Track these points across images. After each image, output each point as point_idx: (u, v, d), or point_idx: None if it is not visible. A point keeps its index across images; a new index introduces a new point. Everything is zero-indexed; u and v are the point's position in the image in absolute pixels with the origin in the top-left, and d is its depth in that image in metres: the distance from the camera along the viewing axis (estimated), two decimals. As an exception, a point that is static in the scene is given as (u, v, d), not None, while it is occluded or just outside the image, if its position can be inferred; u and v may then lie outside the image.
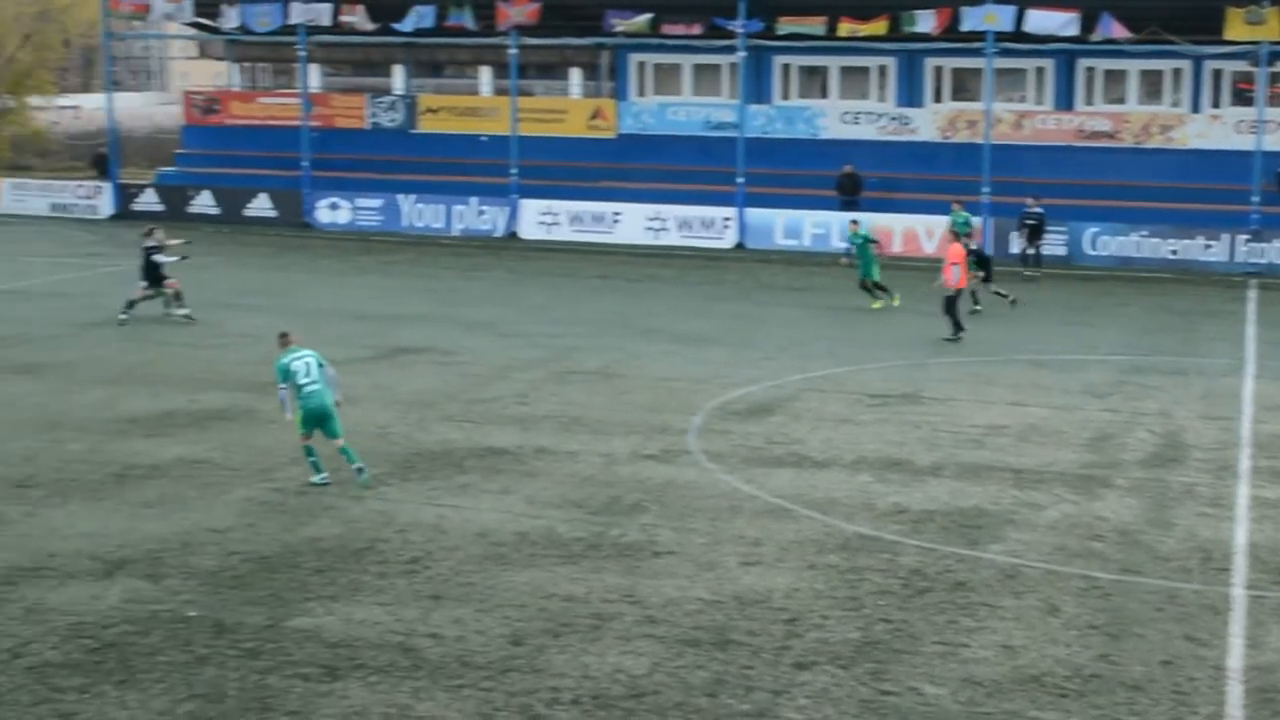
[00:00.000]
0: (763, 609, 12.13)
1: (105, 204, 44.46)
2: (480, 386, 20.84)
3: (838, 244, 35.21)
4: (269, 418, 18.57)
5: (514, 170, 40.51)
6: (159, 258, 26.01)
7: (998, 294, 27.91)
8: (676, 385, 21.01)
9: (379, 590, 12.43)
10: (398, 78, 60.78)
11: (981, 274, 27.18)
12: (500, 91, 58.22)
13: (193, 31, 51.27)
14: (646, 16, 38.74)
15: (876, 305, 27.78)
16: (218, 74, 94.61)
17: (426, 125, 44.13)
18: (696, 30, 38.67)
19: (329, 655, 10.96)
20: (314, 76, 54.48)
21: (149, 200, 43.96)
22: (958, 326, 24.49)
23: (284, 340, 15.98)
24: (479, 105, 45.57)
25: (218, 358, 22.79)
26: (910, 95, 40.57)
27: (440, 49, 56.29)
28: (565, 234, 39.70)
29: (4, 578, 12.41)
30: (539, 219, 40.20)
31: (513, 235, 40.04)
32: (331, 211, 42.27)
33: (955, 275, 24.46)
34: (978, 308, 26.92)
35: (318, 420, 15.54)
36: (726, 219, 37.96)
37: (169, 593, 12.19)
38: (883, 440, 17.70)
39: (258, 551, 13.36)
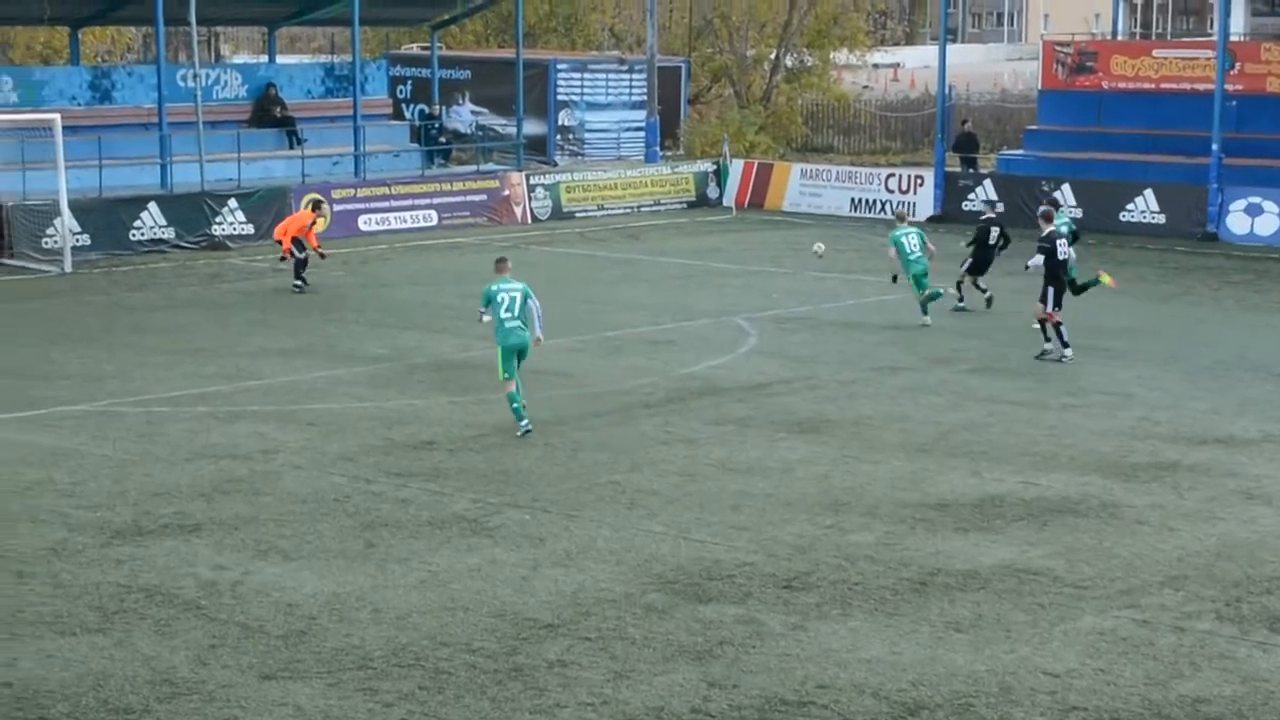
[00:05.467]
0: None
1: (925, 201, 46.96)
2: None
3: None
4: (1138, 516, 18.67)
5: None
6: (1064, 250, 26.91)
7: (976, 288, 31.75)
8: None
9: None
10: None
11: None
12: None
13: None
14: None
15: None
16: (1093, 16, 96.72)
17: None
18: None
19: None
20: (1237, 17, 54.12)
21: (984, 196, 45.80)
22: None
23: (500, 267, 22.34)
24: None
25: (1068, 423, 23.27)
26: None
27: None
28: None
29: (759, 711, 13.37)
30: None
31: None
32: (1248, 217, 41.74)
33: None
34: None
35: (517, 357, 21.85)
36: None
37: (978, 757, 12.55)
38: None
39: (1109, 709, 13.39)
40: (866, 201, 47.98)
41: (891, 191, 47.59)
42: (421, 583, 16.28)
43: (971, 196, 45.98)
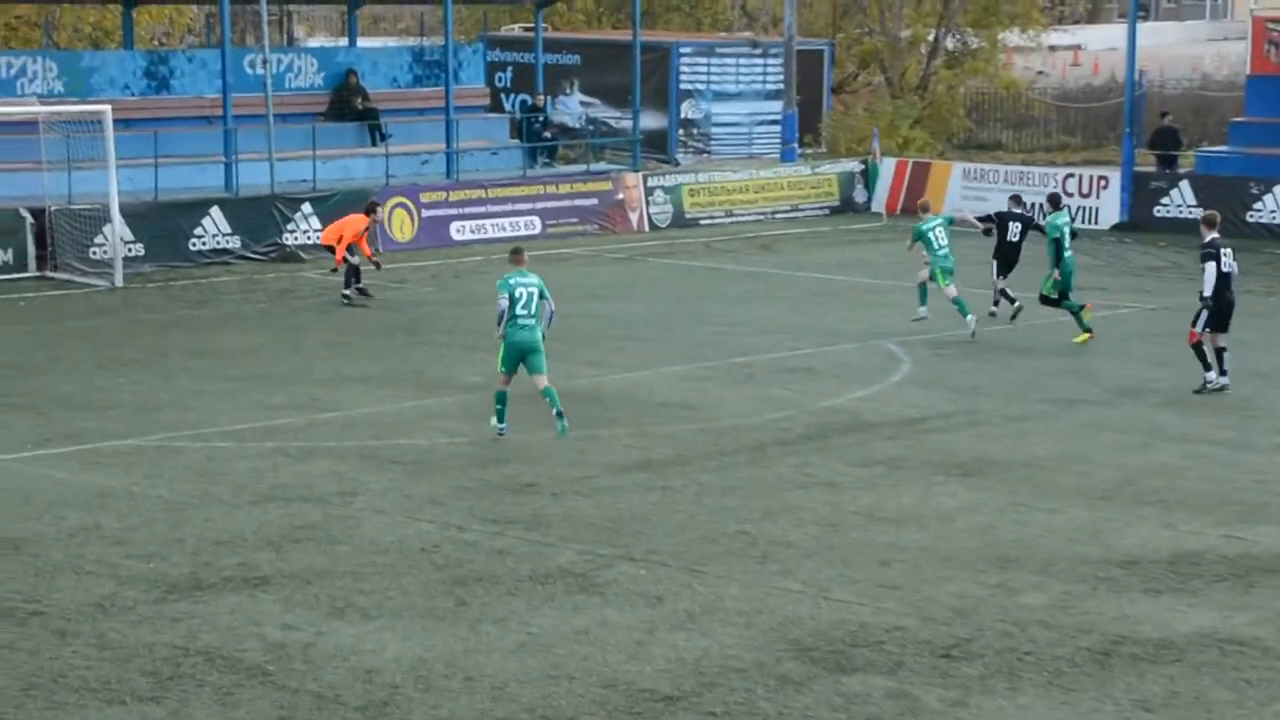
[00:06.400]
0: None
1: (1109, 205, 46.63)
2: None
3: None
4: (1360, 577, 18.46)
5: None
6: (1230, 263, 26.86)
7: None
8: None
9: None
10: None
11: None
12: None
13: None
14: None
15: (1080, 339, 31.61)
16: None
17: None
18: None
19: None
20: None
21: (1180, 201, 45.51)
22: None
23: (516, 258, 24.37)
24: None
25: (1276, 465, 23.11)
26: None
27: None
28: None
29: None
30: None
31: None
32: None
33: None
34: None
35: (521, 356, 23.68)
36: None
37: None
38: None
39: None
40: (1040, 207, 47.63)
41: (1070, 195, 47.26)
42: (520, 647, 16.33)
43: (1165, 200, 45.63)
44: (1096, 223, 46.39)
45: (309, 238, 41.09)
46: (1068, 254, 31.56)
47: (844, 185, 51.23)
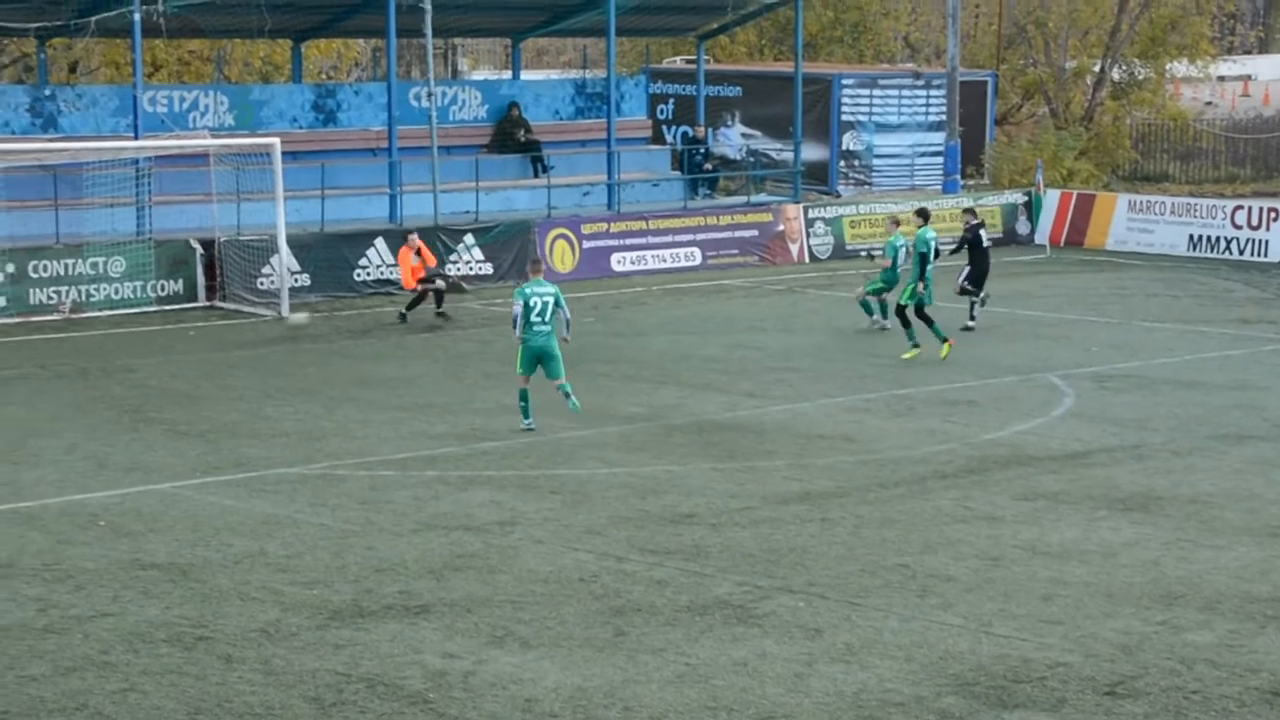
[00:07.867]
0: None
1: (1279, 238, 46.08)
2: None
3: None
4: None
5: None
6: None
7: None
8: None
9: None
10: None
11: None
12: None
13: None
14: None
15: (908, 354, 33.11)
16: None
17: None
18: None
19: None
20: None
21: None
22: None
23: (534, 268, 27.67)
24: None
25: None
26: None
27: None
28: None
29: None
30: None
31: None
32: None
33: None
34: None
35: (537, 359, 26.06)
36: None
37: None
38: None
39: None
40: (1208, 239, 47.22)
41: (1239, 227, 46.81)
42: (678, 678, 16.34)
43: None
44: (1265, 255, 45.89)
45: (472, 269, 41.41)
46: (930, 267, 32.89)
47: (1007, 217, 50.95)
